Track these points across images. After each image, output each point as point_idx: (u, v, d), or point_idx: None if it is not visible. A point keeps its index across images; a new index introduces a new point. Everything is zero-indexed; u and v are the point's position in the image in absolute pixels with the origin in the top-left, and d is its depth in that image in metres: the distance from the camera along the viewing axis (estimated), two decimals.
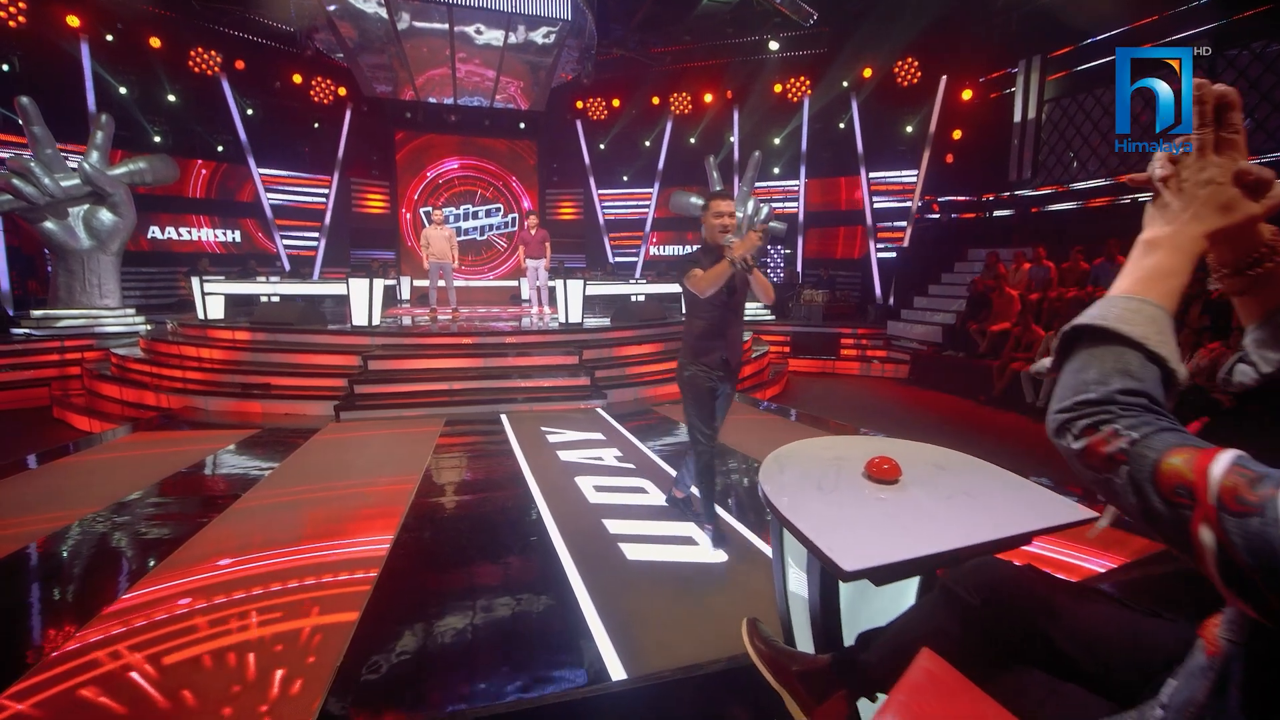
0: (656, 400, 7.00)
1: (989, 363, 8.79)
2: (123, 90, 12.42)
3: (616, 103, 17.06)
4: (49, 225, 9.49)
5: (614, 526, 3.34)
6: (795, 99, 15.52)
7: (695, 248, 3.18)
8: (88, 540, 3.26)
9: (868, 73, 14.59)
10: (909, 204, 14.41)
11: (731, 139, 16.22)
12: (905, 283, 13.47)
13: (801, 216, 15.64)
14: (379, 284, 7.16)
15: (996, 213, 13.29)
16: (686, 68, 16.29)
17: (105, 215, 9.84)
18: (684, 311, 3.35)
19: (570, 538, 3.20)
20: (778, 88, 15.55)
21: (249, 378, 6.55)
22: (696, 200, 12.98)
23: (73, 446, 5.01)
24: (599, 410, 6.35)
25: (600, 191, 17.74)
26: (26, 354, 8.79)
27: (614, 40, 15.14)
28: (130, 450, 5.02)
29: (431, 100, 15.87)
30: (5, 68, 11.17)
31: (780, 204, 15.31)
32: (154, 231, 13.15)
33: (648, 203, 17.39)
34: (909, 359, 10.63)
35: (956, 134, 13.71)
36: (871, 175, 14.83)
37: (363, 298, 7.07)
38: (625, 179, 17.55)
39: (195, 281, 8.21)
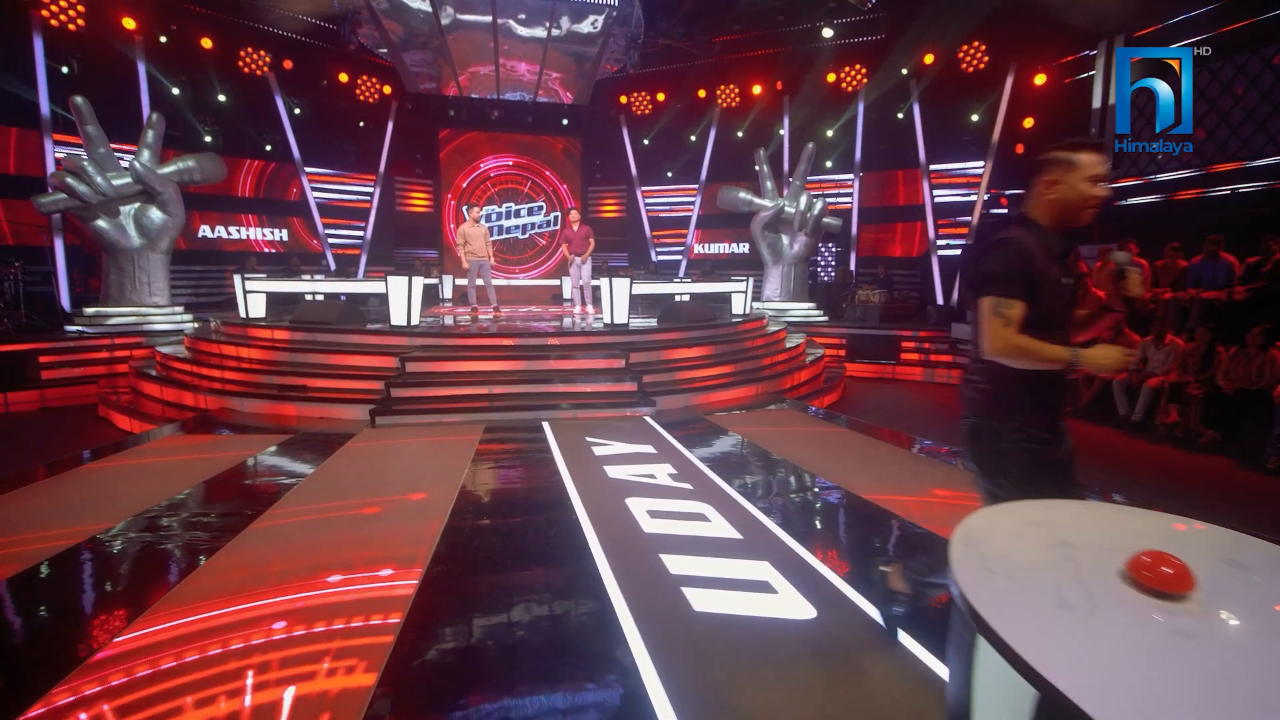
0: (708, 408, 6.50)
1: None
2: (175, 91, 12.57)
3: (661, 97, 16.57)
4: (101, 224, 9.57)
5: (675, 564, 2.87)
6: (850, 89, 14.75)
7: (1012, 229, 1.93)
8: (92, 565, 2.97)
9: (929, 59, 13.72)
10: (973, 198, 13.50)
11: (781, 132, 15.55)
12: None
13: (855, 212, 14.87)
14: (418, 282, 6.87)
15: None
16: (735, 59, 15.68)
17: (155, 213, 9.88)
18: (975, 335, 1.96)
19: (624, 577, 2.74)
20: (831, 77, 14.81)
21: (286, 379, 6.33)
22: (745, 195, 12.40)
23: (88, 455, 4.80)
24: (647, 419, 5.88)
25: (644, 188, 17.29)
26: (77, 351, 8.86)
27: (660, 31, 14.65)
28: (158, 456, 4.80)
29: (474, 96, 15.70)
30: (65, 70, 11.39)
31: (833, 199, 14.54)
32: (204, 230, 13.31)
33: (692, 199, 16.85)
34: None
35: (1028, 122, 12.76)
36: (933, 168, 13.95)
37: (401, 297, 6.79)
38: (669, 175, 17.05)
39: (237, 279, 8.09)
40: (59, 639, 2.34)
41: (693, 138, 16.54)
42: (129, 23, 11.94)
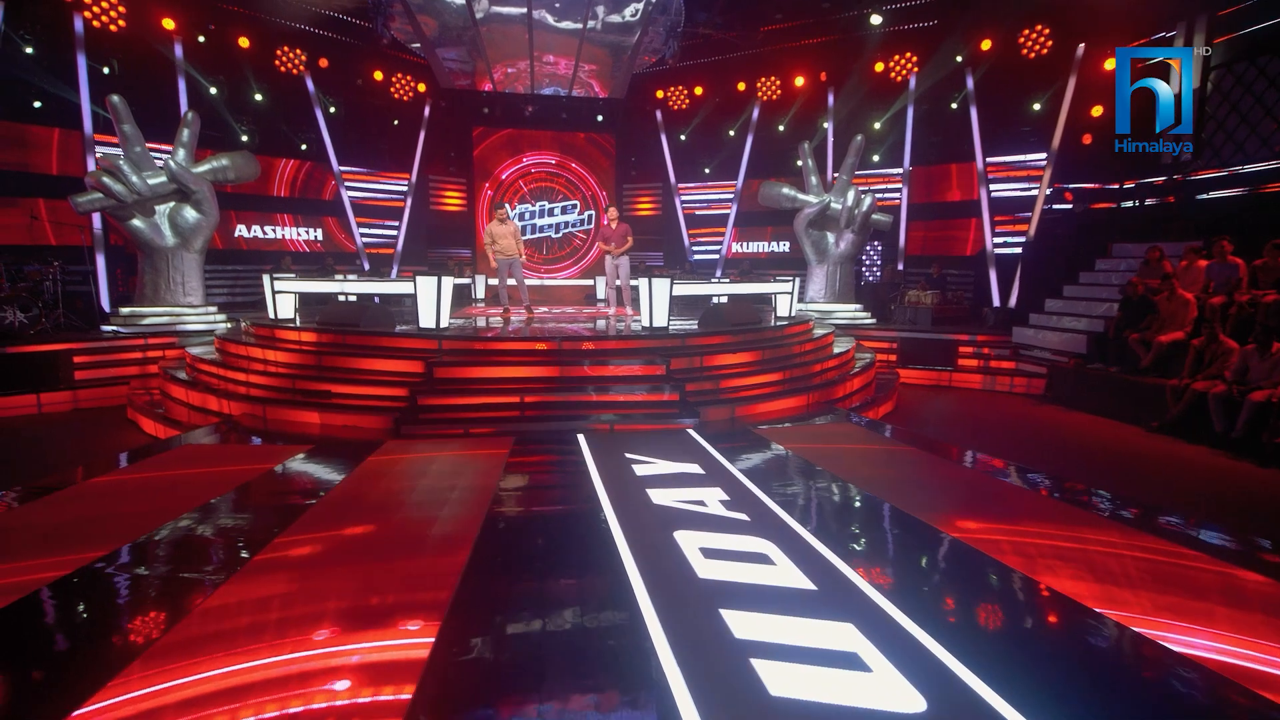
0: (754, 419, 5.99)
1: (1159, 381, 7.21)
2: (213, 90, 12.57)
3: (699, 90, 16.05)
4: (136, 223, 9.51)
5: (739, 624, 2.38)
6: (899, 78, 14.00)
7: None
8: (71, 605, 2.63)
9: (986, 45, 12.91)
10: (1034, 192, 12.63)
11: (825, 125, 14.87)
12: (1032, 283, 11.77)
13: (904, 209, 14.11)
14: (447, 283, 6.52)
15: (1147, 200, 11.39)
16: (776, 49, 15.05)
17: (189, 213, 9.79)
18: None
19: (681, 644, 2.27)
20: (879, 66, 14.08)
21: (310, 384, 6.03)
22: (789, 191, 11.80)
23: (77, 477, 4.54)
24: (690, 432, 5.40)
25: (680, 185, 16.79)
26: (111, 351, 8.79)
27: (699, 22, 14.13)
28: (171, 468, 4.52)
29: (508, 91, 15.42)
30: (106, 70, 11.45)
31: (880, 195, 13.82)
32: (240, 230, 13.31)
33: (730, 196, 16.28)
34: (1045, 373, 9.07)
35: (1096, 110, 11.84)
36: (989, 160, 13.11)
37: (430, 298, 6.45)
38: (707, 171, 16.52)
39: (266, 279, 7.89)
40: (20, 708, 1.98)
41: (731, 133, 15.98)
42: (168, 23, 11.96)
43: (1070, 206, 12.31)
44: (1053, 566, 2.90)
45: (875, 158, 14.38)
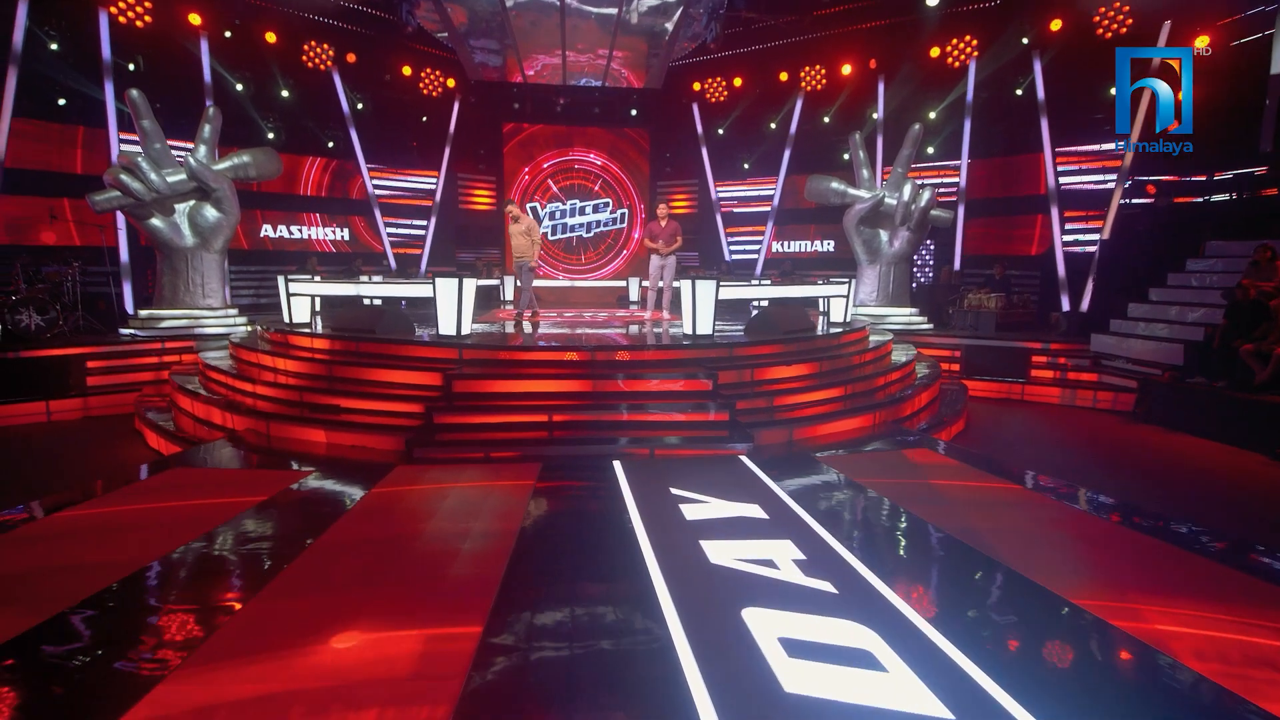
0: (816, 443, 5.21)
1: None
2: (239, 86, 12.27)
3: (738, 81, 15.23)
4: (155, 222, 9.16)
5: None
6: (957, 64, 12.97)
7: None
8: None
9: (1056, 25, 11.82)
10: (1110, 185, 11.50)
11: (875, 116, 13.92)
12: (1110, 285, 10.68)
13: (962, 204, 13.07)
14: (469, 285, 5.90)
15: (1242, 194, 10.22)
16: (822, 36, 14.15)
17: (210, 211, 9.41)
18: None
19: None
20: (935, 52, 13.07)
21: (318, 397, 5.46)
22: (838, 185, 10.93)
23: (40, 510, 4.00)
24: (744, 460, 4.65)
25: (717, 181, 16.00)
26: (126, 356, 8.44)
27: (741, 7, 13.32)
28: (147, 499, 3.95)
29: (540, 82, 14.85)
30: (131, 67, 11.20)
31: (935, 189, 12.84)
32: (266, 229, 13.00)
33: (771, 192, 15.42)
34: (1134, 387, 8.05)
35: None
36: (1059, 152, 12.01)
37: (450, 302, 5.83)
38: (746, 167, 15.69)
39: (280, 281, 7.40)
40: None
41: (772, 125, 15.12)
42: (194, 18, 11.68)
43: (1152, 200, 11.16)
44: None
45: (930, 150, 13.36)
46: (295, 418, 5.24)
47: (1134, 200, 11.26)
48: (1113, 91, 11.41)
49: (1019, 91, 12.37)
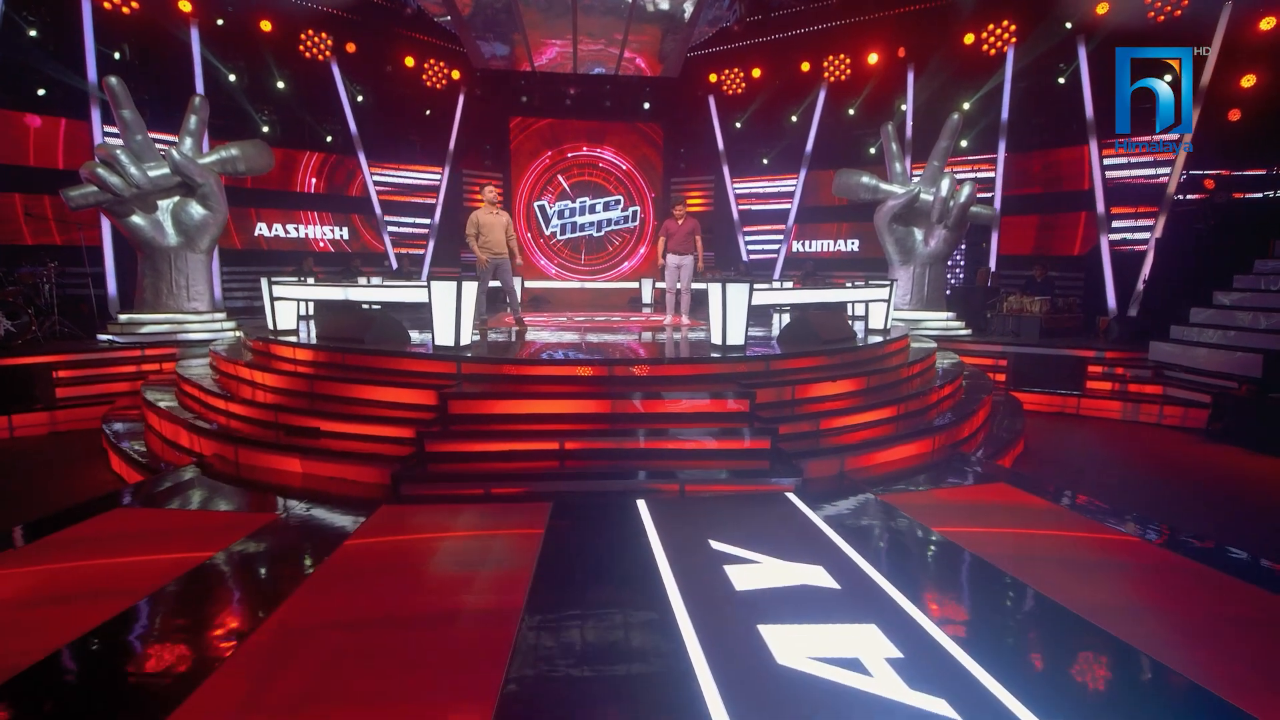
0: (870, 475, 4.46)
1: None
2: (231, 77, 11.62)
3: (757, 72, 14.47)
4: (136, 220, 8.52)
5: None
6: (994, 51, 12.15)
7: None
8: None
9: (1103, 8, 10.99)
10: (1163, 179, 10.66)
11: (904, 107, 13.12)
12: (1165, 288, 9.85)
13: (998, 201, 12.25)
14: (470, 289, 5.18)
15: None
16: (847, 23, 13.38)
17: (195, 208, 8.76)
18: None
19: None
20: (969, 38, 12.26)
21: (296, 418, 4.76)
22: (869, 180, 10.15)
23: None
24: (792, 499, 3.91)
25: (734, 177, 15.24)
26: (100, 364, 7.80)
27: None
28: (68, 556, 3.24)
29: (549, 71, 14.13)
30: (117, 56, 10.58)
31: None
32: (261, 228, 12.35)
33: (792, 189, 14.65)
34: (1207, 401, 7.24)
35: (1248, 80, 9.85)
36: (1106, 144, 11.17)
37: (448, 308, 5.12)
38: (765, 162, 14.92)
39: (263, 283, 6.72)
40: None
41: (793, 118, 14.34)
42: (184, 5, 11.04)
43: (1211, 196, 10.31)
44: None
45: (963, 143, 12.54)
46: (268, 443, 4.54)
47: (1188, 196, 10.43)
48: (1167, 79, 10.70)
49: (1061, 80, 11.54)
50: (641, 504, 3.81)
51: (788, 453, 4.31)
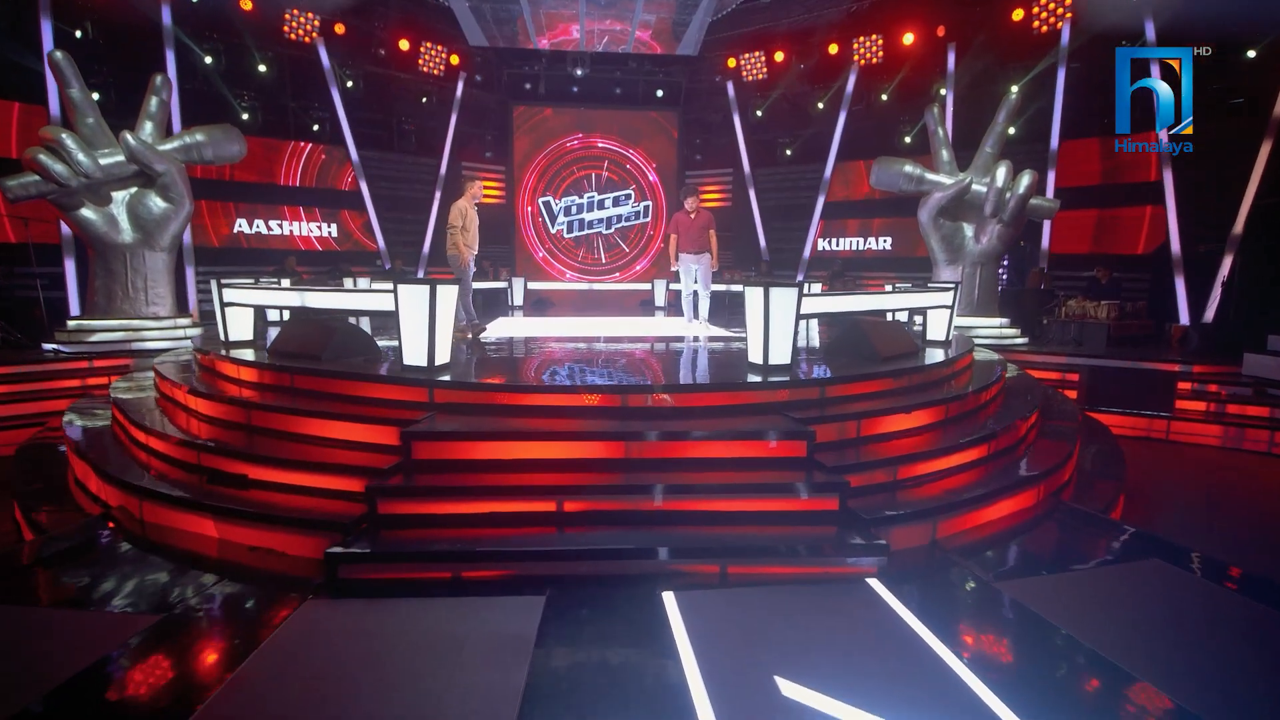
0: (970, 543, 3.35)
1: None
2: (208, 60, 10.64)
3: (780, 56, 13.34)
4: (86, 214, 7.54)
5: None
6: (1046, 29, 10.97)
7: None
8: None
9: None
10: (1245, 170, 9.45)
11: (943, 92, 11.96)
12: (1248, 292, 8.67)
13: (1051, 194, 11.06)
14: (446, 294, 4.11)
15: None
16: (881, 0, 12.23)
17: (154, 201, 7.78)
18: None
19: None
20: (1018, 14, 11.09)
21: (224, 460, 3.71)
22: (912, 169, 9.01)
23: None
24: (876, 588, 2.83)
25: (755, 170, 14.12)
26: (37, 379, 6.82)
27: None
28: None
29: (555, 49, 13.06)
30: (78, 35, 9.61)
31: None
32: (240, 225, 11.36)
33: (817, 182, 13.50)
34: None
35: None
36: (1177, 132, 9.95)
37: (418, 319, 4.06)
38: (788, 154, 13.79)
39: (213, 286, 5.68)
40: None
41: (820, 105, 13.21)
42: None
43: None
44: None
45: (1010, 130, 11.34)
46: (180, 499, 3.49)
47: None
48: (1250, 54, 9.50)
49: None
50: (669, 599, 2.73)
51: (863, 516, 3.21)
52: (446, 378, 4.05)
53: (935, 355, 5.34)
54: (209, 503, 3.38)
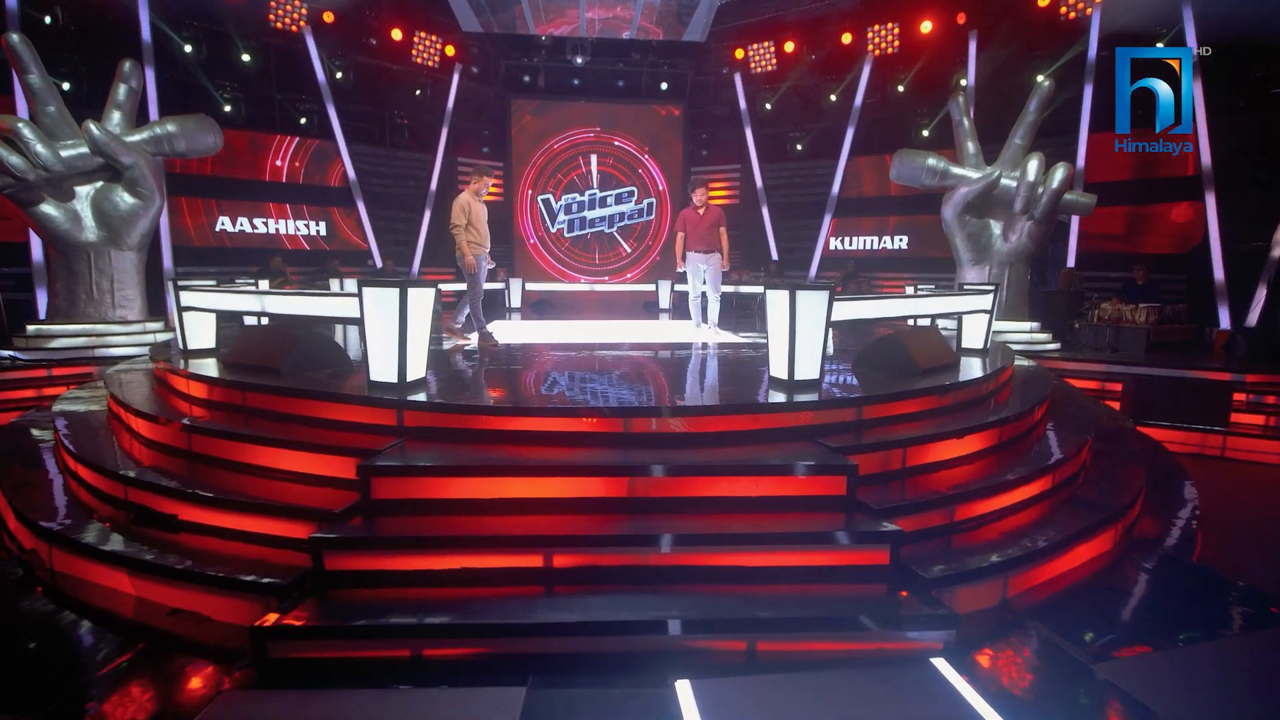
0: (1045, 602, 2.76)
1: None
2: (187, 48, 10.07)
3: (790, 46, 12.73)
4: (47, 209, 6.99)
5: None
6: (1074, 14, 10.35)
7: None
8: None
9: None
10: None
11: (964, 82, 11.34)
12: None
13: (1080, 188, 10.44)
14: (420, 298, 3.53)
15: None
16: None
17: (121, 196, 7.23)
18: None
19: None
20: (1043, 0, 10.48)
21: (154, 498, 3.13)
22: (936, 162, 8.40)
23: None
24: (942, 670, 2.24)
25: (764, 166, 13.51)
26: None
27: None
28: None
29: (555, 34, 12.48)
30: (48, 20, 9.06)
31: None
32: (223, 223, 10.79)
33: (830, 176, 12.89)
34: None
35: None
36: (1216, 121, 9.35)
37: (386, 327, 3.47)
38: (799, 149, 13.18)
39: (169, 287, 5.11)
40: None
41: (832, 98, 12.59)
42: None
43: None
44: None
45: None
46: (90, 548, 2.91)
47: None
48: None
49: (1159, 44, 9.72)
50: (683, 689, 2.14)
51: (920, 574, 2.61)
52: (420, 397, 3.47)
53: (975, 367, 4.74)
54: (123, 553, 2.80)
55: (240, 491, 3.06)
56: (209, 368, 4.42)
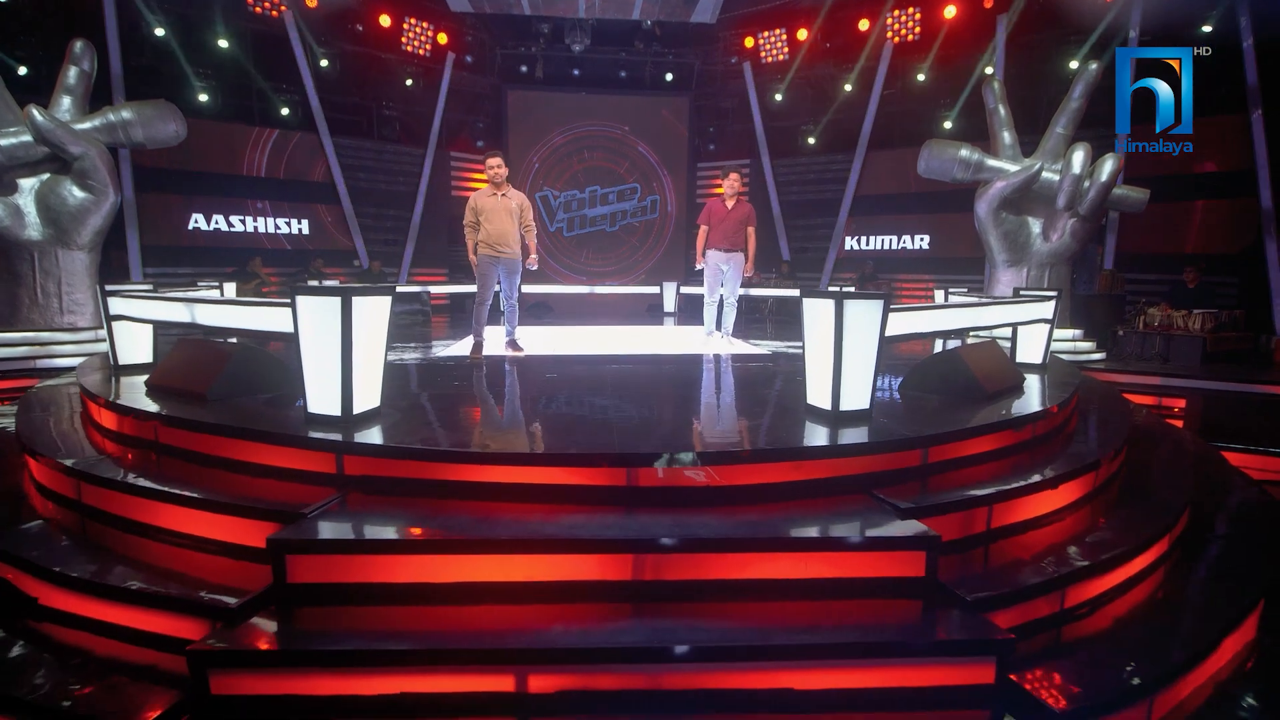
0: (1195, 716, 2.02)
1: None
2: (159, 32, 9.36)
3: (802, 34, 11.98)
4: None
5: None
6: None
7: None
8: None
9: None
10: None
11: (989, 70, 10.59)
12: None
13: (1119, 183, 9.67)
14: (370, 308, 2.81)
15: None
16: None
17: (70, 190, 6.52)
18: None
19: None
20: None
21: (17, 574, 2.40)
22: (969, 154, 7.64)
23: None
24: None
25: (774, 161, 12.78)
26: None
27: None
28: None
29: (551, 22, 11.76)
30: (3, 2, 8.36)
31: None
32: (197, 221, 10.08)
33: (846, 171, 12.14)
34: None
35: None
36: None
37: (326, 346, 2.75)
38: (811, 142, 12.43)
39: (96, 293, 4.40)
40: None
41: (847, 88, 11.83)
42: None
43: None
44: None
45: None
46: None
47: None
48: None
49: (1207, 28, 8.97)
50: None
51: (1043, 702, 1.87)
52: (372, 436, 2.73)
53: (1036, 388, 4.00)
54: None
55: (132, 564, 2.34)
56: (133, 389, 3.70)
